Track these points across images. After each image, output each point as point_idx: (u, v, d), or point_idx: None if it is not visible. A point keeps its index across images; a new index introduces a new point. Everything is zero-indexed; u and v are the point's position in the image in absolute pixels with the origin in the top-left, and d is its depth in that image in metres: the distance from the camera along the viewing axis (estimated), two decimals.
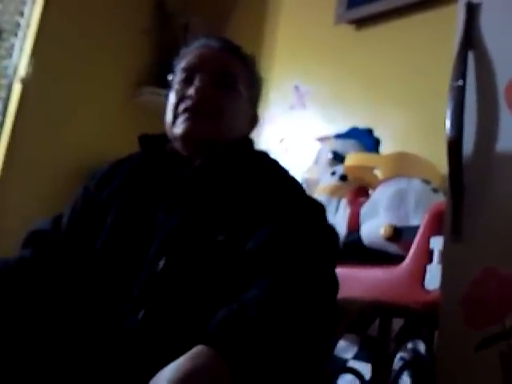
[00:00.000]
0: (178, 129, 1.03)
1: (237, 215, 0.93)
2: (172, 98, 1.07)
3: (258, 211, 0.92)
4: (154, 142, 1.08)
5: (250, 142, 1.11)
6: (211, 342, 0.68)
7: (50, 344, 0.89)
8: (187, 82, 1.05)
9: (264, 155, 1.09)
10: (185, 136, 1.02)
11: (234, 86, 1.06)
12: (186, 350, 0.69)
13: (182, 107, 1.04)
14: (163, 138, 1.09)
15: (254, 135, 1.15)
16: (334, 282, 0.86)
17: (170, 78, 1.11)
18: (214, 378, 0.65)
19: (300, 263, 0.83)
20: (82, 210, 1.06)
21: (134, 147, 1.12)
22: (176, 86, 1.07)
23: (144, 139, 1.08)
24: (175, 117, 1.05)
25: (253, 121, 1.13)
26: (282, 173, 1.04)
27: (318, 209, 0.97)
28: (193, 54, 1.08)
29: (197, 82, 1.04)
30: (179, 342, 0.72)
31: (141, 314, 0.86)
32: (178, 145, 1.05)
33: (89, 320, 0.91)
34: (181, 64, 1.08)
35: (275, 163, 1.06)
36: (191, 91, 1.03)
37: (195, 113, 1.03)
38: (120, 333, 0.86)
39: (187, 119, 1.02)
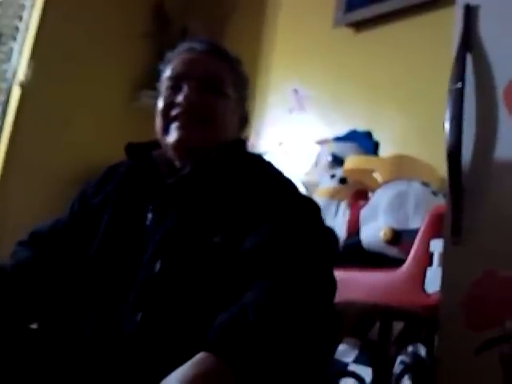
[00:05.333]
0: (171, 137, 1.02)
1: (232, 216, 0.92)
2: (160, 104, 1.05)
3: (253, 211, 0.91)
4: (141, 151, 1.07)
5: (242, 143, 1.11)
6: (213, 348, 0.69)
7: (50, 347, 0.89)
8: (175, 88, 1.04)
9: (257, 157, 1.08)
10: (178, 145, 1.01)
11: (222, 90, 1.05)
12: (185, 352, 0.70)
13: (172, 114, 1.03)
14: (151, 145, 1.08)
15: (247, 136, 1.15)
16: (332, 282, 0.86)
17: (157, 84, 1.09)
18: (219, 382, 0.66)
19: (297, 263, 0.82)
20: (79, 214, 1.06)
21: None
22: (164, 92, 1.06)
23: (131, 148, 1.08)
24: (166, 124, 1.04)
25: (243, 122, 1.13)
26: (276, 173, 1.03)
27: (313, 208, 0.97)
28: (178, 59, 1.07)
29: (185, 89, 1.03)
30: (178, 344, 0.73)
31: (139, 317, 0.87)
32: (170, 153, 1.04)
33: (89, 323, 0.91)
34: (167, 70, 1.07)
35: (268, 164, 1.06)
36: (180, 98, 1.02)
37: (187, 120, 1.02)
38: (120, 335, 0.87)
39: (179, 127, 1.01)
